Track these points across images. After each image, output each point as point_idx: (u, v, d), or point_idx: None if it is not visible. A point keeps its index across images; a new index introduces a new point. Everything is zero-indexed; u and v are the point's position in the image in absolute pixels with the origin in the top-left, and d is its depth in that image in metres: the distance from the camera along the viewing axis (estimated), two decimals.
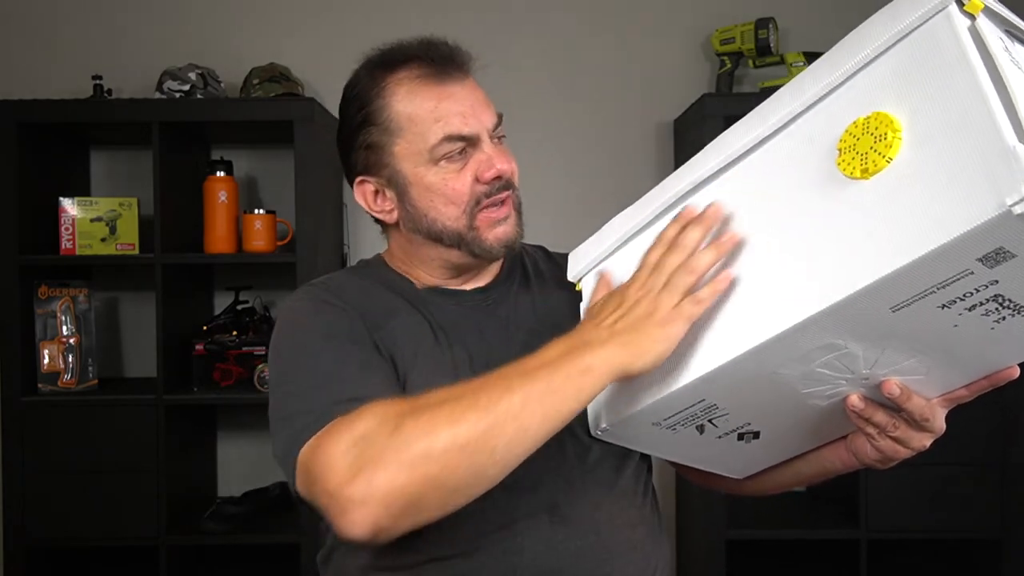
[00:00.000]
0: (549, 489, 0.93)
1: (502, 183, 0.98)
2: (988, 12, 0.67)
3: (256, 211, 2.24)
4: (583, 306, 0.95)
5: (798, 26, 2.44)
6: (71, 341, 2.20)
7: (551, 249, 1.18)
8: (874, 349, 0.73)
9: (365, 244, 2.49)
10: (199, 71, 2.27)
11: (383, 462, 0.75)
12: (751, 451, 0.92)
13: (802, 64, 2.22)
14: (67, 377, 2.18)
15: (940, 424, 0.82)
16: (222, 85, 2.34)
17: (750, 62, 2.32)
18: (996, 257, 0.61)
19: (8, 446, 2.12)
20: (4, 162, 2.12)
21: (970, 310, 0.67)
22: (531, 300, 1.06)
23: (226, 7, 2.50)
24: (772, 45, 2.26)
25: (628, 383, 0.84)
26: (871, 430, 0.83)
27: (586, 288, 0.96)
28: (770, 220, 0.76)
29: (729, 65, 2.33)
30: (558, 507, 0.94)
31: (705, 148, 0.85)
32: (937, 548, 2.32)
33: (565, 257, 1.07)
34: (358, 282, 1.03)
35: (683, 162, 0.88)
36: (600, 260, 0.94)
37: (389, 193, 1.01)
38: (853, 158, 0.69)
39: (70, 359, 2.19)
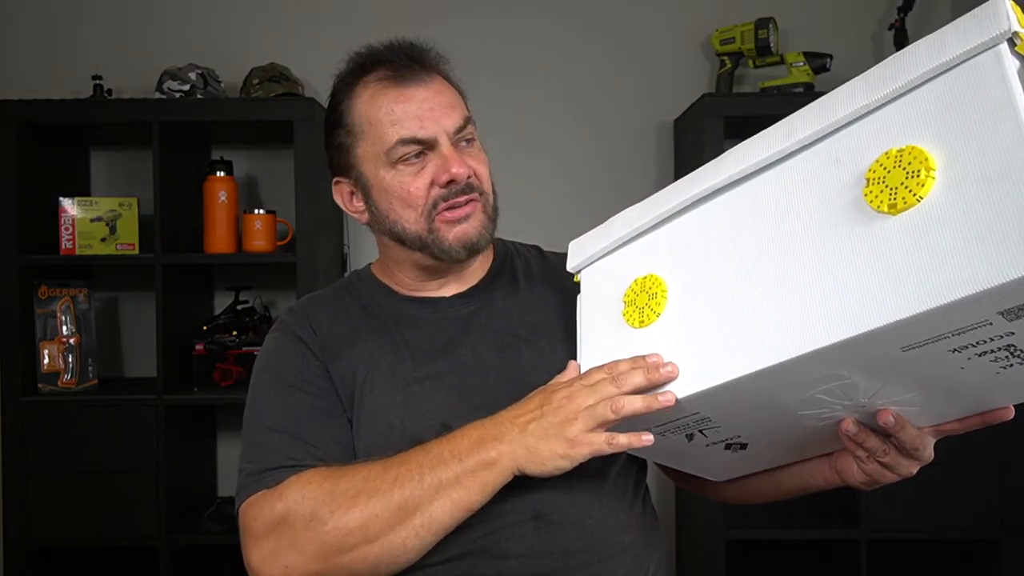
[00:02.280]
0: (535, 495, 0.93)
1: (460, 187, 0.97)
2: None
3: (256, 211, 2.25)
4: (580, 300, 0.94)
5: (798, 26, 2.44)
6: (71, 341, 2.20)
7: (548, 248, 1.17)
8: (876, 381, 0.73)
9: (365, 244, 2.49)
10: (199, 71, 2.27)
11: (297, 550, 0.83)
12: (736, 459, 0.92)
13: (802, 64, 2.22)
14: (67, 377, 2.18)
15: (929, 453, 0.83)
16: (222, 85, 2.34)
17: (750, 62, 2.32)
18: (1018, 312, 0.60)
19: (8, 446, 2.12)
20: (4, 162, 2.12)
21: (980, 356, 0.66)
22: (518, 303, 1.05)
23: (226, 7, 2.50)
24: (772, 45, 2.26)
25: None
26: (861, 453, 0.84)
27: (586, 282, 0.94)
28: (784, 239, 0.74)
29: (729, 65, 2.33)
30: (543, 513, 0.93)
31: (725, 154, 0.83)
32: (937, 548, 2.32)
33: (560, 256, 1.08)
34: (336, 304, 1.06)
35: (683, 162, 0.87)
36: (602, 255, 0.93)
37: (359, 194, 1.03)
38: (882, 191, 0.67)
39: (70, 359, 2.19)
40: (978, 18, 0.64)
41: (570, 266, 0.95)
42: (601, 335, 0.89)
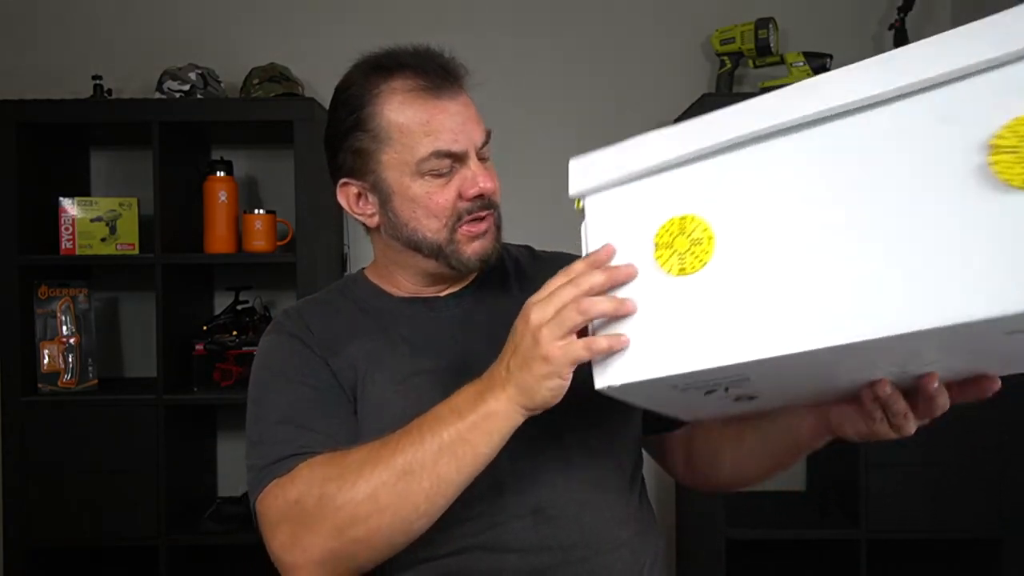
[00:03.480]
0: (535, 490, 0.95)
1: (484, 201, 0.99)
2: None
3: (256, 211, 2.24)
4: (585, 230, 0.82)
5: (798, 26, 2.44)
6: (71, 341, 2.20)
7: (540, 248, 1.18)
8: (948, 357, 0.69)
9: (365, 244, 2.48)
10: (199, 71, 2.27)
11: (313, 530, 0.84)
12: (735, 407, 0.84)
13: (802, 64, 2.22)
14: (67, 377, 2.18)
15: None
16: (222, 85, 2.34)
17: (750, 62, 2.32)
18: None
19: (8, 446, 2.12)
20: (4, 162, 2.12)
21: None
22: (510, 302, 1.04)
23: (226, 7, 2.50)
24: (772, 45, 2.26)
25: (654, 344, 0.74)
26: (879, 414, 0.81)
27: (593, 211, 0.81)
28: (867, 198, 0.65)
29: (729, 65, 2.33)
30: (543, 508, 0.95)
31: (787, 88, 0.71)
32: (937, 548, 2.32)
33: (552, 255, 1.09)
34: (331, 306, 1.06)
35: None
36: (621, 182, 0.80)
37: (372, 198, 1.02)
38: (1016, 163, 0.59)
39: (70, 359, 2.19)
40: None
41: (573, 190, 0.84)
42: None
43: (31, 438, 2.13)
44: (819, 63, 2.22)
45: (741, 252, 0.72)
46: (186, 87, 2.23)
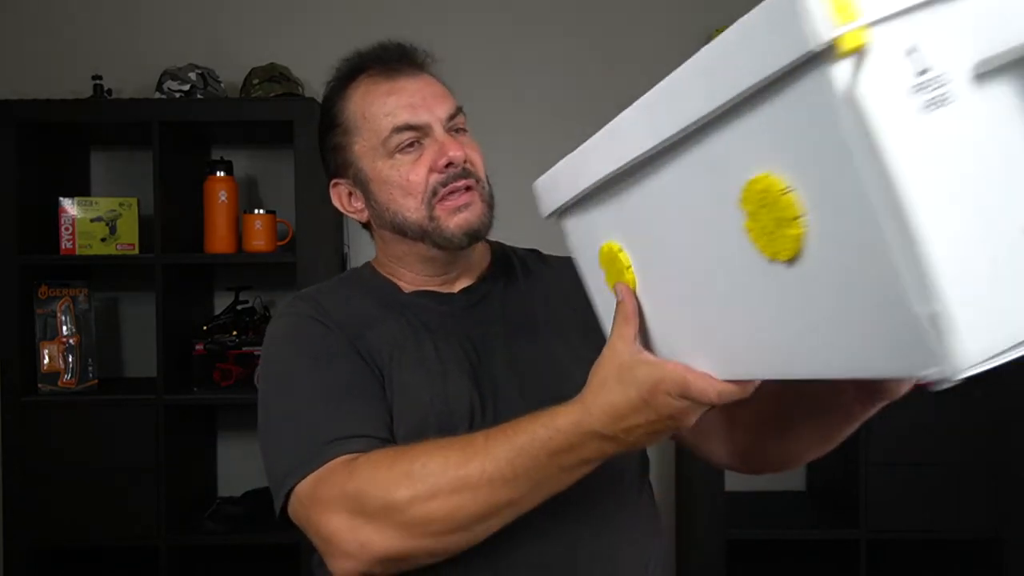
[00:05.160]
0: None
1: (458, 171, 0.98)
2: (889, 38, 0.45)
3: (256, 211, 2.25)
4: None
5: None
6: (71, 341, 2.20)
7: (547, 252, 1.17)
8: None
9: (365, 244, 2.49)
10: (199, 71, 2.27)
11: (382, 525, 0.81)
12: None
13: None
14: (67, 377, 2.18)
15: None
16: (222, 85, 2.34)
17: None
18: None
19: (8, 446, 2.12)
20: (4, 162, 2.12)
21: None
22: (520, 297, 1.06)
23: (226, 7, 2.50)
24: None
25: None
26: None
27: (567, 232, 0.81)
28: (689, 245, 0.63)
29: None
30: (551, 502, 0.94)
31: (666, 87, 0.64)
32: (937, 548, 2.32)
33: (560, 260, 1.08)
34: (342, 293, 1.05)
35: None
36: (570, 204, 0.77)
37: (357, 192, 1.04)
38: (761, 232, 0.54)
39: (70, 359, 2.19)
40: (775, 17, 0.47)
41: (545, 210, 0.84)
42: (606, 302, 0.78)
43: (31, 438, 2.13)
44: None
45: (647, 286, 0.72)
46: (186, 87, 2.23)
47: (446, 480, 0.80)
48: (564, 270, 1.00)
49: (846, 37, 0.43)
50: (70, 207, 2.20)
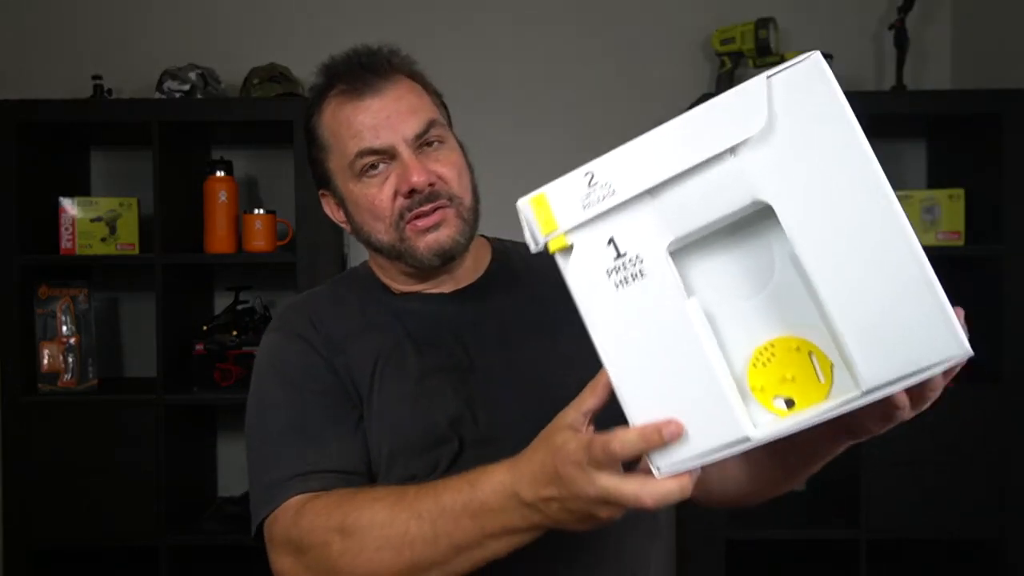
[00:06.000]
0: None
1: (423, 196, 0.96)
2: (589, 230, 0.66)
3: (256, 211, 2.25)
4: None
5: (798, 26, 2.44)
6: (71, 341, 2.20)
7: None
8: None
9: None
10: (199, 71, 2.27)
11: (319, 572, 0.84)
12: None
13: None
14: (67, 377, 2.18)
15: None
16: (222, 85, 2.34)
17: (750, 62, 2.32)
18: None
19: (8, 446, 2.12)
20: (4, 162, 2.12)
21: None
22: (517, 300, 1.05)
23: (226, 7, 2.50)
24: (772, 45, 2.26)
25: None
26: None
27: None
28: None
29: (729, 65, 2.33)
30: None
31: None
32: (937, 548, 2.32)
33: None
34: (337, 297, 1.05)
35: None
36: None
37: (339, 205, 1.04)
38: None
39: (70, 359, 2.19)
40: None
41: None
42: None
43: (31, 438, 2.13)
44: None
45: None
46: (186, 87, 2.23)
47: (372, 538, 0.80)
48: None
49: (551, 242, 0.68)
50: (70, 207, 2.20)
